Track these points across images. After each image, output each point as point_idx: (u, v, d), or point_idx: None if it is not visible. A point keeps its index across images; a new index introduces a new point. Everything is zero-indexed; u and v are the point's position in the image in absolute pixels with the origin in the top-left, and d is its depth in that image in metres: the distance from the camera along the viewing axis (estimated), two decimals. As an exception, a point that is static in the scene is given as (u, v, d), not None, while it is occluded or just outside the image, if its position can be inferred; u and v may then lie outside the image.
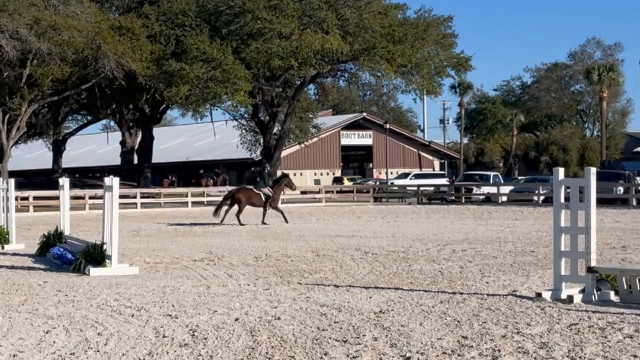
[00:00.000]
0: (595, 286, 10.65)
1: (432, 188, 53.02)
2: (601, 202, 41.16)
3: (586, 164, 79.44)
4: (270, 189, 28.87)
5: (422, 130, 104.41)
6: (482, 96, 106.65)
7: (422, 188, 51.12)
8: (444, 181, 62.65)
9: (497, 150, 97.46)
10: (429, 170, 77.25)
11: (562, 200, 11.07)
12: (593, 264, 10.69)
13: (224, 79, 45.34)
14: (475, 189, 50.46)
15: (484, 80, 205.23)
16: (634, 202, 41.44)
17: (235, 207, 28.50)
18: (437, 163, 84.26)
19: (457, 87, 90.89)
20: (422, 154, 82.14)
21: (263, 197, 28.58)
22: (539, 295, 10.72)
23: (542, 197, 43.66)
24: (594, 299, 10.50)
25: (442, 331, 8.66)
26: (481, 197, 48.58)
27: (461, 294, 11.29)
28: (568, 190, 11.23)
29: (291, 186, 30.11)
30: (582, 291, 10.63)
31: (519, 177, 76.41)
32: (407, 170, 73.28)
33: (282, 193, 30.00)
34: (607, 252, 16.94)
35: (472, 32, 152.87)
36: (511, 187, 51.56)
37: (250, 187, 30.16)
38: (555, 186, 11.18)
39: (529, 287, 11.80)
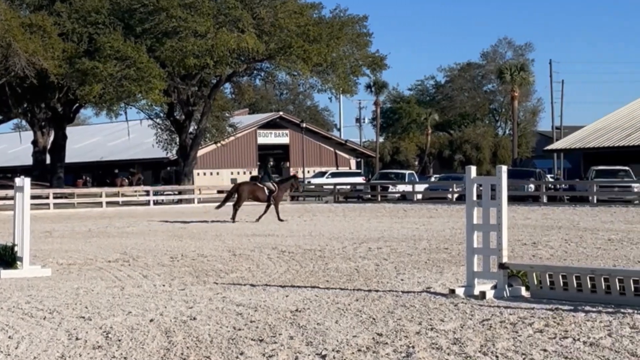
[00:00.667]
0: (507, 282, 10.86)
1: (348, 186, 53.35)
2: (513, 199, 41.97)
3: (499, 162, 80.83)
4: (275, 184, 29.43)
5: (339, 129, 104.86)
6: (397, 95, 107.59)
7: (338, 187, 51.41)
8: (360, 180, 63.10)
9: (412, 149, 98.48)
10: (345, 169, 77.61)
11: (475, 198, 11.25)
12: (505, 260, 10.90)
13: (139, 78, 44.79)
14: (390, 187, 50.94)
15: (399, 80, 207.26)
16: (545, 199, 42.35)
17: (249, 202, 30.01)
18: (353, 162, 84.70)
19: (373, 86, 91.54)
20: (339, 152, 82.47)
21: (267, 192, 29.09)
22: (452, 291, 10.88)
23: (456, 195, 44.30)
24: (505, 295, 10.71)
25: (358, 329, 8.73)
26: (397, 195, 49.08)
27: (376, 291, 11.39)
28: (481, 188, 11.41)
29: (297, 187, 31.37)
30: (494, 287, 10.83)
31: (434, 176, 77.39)
32: (323, 169, 73.53)
33: (288, 191, 31.12)
34: (518, 249, 17.29)
35: (386, 31, 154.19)
36: (426, 185, 52.25)
37: (254, 181, 31.26)
38: (467, 184, 11.36)
39: (443, 284, 11.97)
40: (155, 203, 47.38)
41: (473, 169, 11.44)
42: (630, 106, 60.34)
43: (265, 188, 29.11)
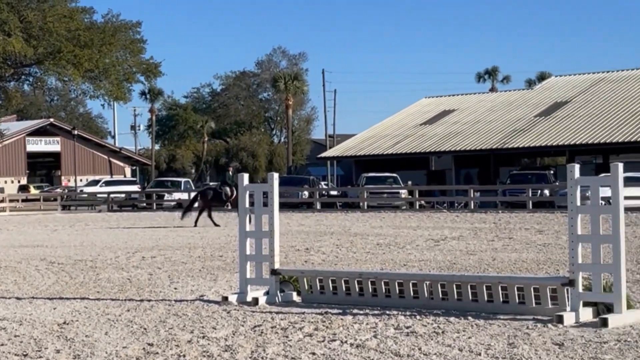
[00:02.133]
0: (279, 288, 11.00)
1: (123, 195, 52.39)
2: (288, 206, 42.74)
3: (274, 170, 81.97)
4: (232, 189, 29.16)
5: (113, 137, 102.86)
6: (173, 103, 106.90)
7: (112, 195, 50.38)
8: (135, 188, 62.11)
9: (188, 156, 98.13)
10: (120, 177, 76.23)
11: (247, 205, 11.33)
12: (277, 266, 11.04)
13: None
14: (166, 195, 50.51)
15: (175, 87, 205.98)
16: (318, 206, 43.37)
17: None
18: (128, 170, 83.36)
19: (148, 93, 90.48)
20: (113, 160, 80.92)
21: (224, 197, 29.99)
22: (225, 298, 10.89)
23: (232, 203, 44.48)
24: (277, 300, 10.84)
25: (128, 339, 8.56)
26: (173, 203, 48.69)
27: (149, 301, 11.22)
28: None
29: None
30: (267, 293, 10.94)
31: (210, 183, 77.44)
32: (97, 177, 71.81)
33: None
34: (292, 255, 17.57)
35: (161, 38, 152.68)
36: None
37: (214, 187, 32.08)
38: (240, 191, 11.44)
39: (217, 292, 11.96)
40: None
41: (245, 177, 11.52)
42: (398, 115, 62.97)
43: (222, 193, 30.04)
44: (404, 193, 43.80)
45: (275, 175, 11.22)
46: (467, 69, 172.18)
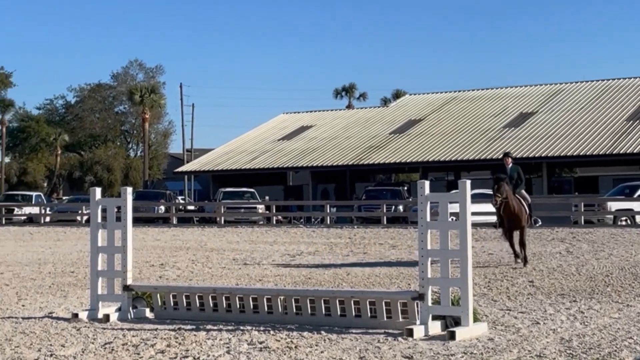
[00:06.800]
0: (132, 304, 10.83)
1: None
2: (144, 221, 42.13)
3: (130, 184, 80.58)
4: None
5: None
6: (24, 114, 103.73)
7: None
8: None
9: (41, 169, 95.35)
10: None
11: (99, 219, 11.11)
12: (129, 282, 10.86)
13: None
14: (16, 209, 48.97)
15: (27, 99, 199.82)
16: (175, 221, 42.94)
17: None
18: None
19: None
20: (-40, 173, 77.88)
21: (526, 208, 17.35)
22: (75, 315, 10.64)
23: (85, 217, 43.55)
24: (129, 317, 10.66)
25: (-29, 360, 8.26)
26: (23, 217, 47.22)
27: (-6, 319, 10.84)
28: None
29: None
30: (119, 309, 10.75)
31: (63, 197, 75.53)
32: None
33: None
34: (146, 270, 17.32)
35: (12, 48, 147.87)
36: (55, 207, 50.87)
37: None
38: (92, 206, 11.20)
39: (67, 308, 11.67)
40: None
41: (98, 191, 11.29)
42: (256, 130, 63.07)
43: (523, 201, 17.40)
44: (261, 208, 43.87)
45: (129, 190, 11.06)
46: (325, 86, 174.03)
